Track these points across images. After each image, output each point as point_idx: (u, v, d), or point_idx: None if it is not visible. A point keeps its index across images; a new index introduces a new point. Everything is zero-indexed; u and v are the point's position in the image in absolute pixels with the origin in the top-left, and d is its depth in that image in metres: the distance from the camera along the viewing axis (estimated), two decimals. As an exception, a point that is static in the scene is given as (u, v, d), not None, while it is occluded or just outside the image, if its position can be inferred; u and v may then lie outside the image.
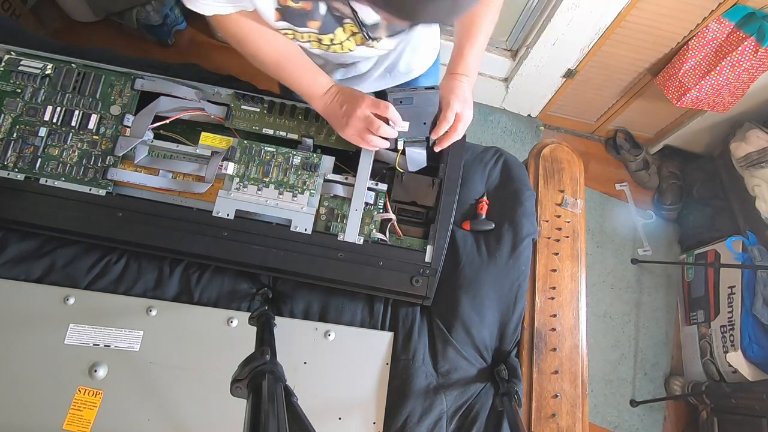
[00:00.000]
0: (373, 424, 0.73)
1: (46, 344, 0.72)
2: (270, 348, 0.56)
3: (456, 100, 0.70)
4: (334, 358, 0.76)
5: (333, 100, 0.72)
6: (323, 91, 0.73)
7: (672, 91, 1.65)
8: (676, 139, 2.05)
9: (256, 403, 0.47)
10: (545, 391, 0.81)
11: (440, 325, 0.80)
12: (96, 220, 0.75)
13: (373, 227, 0.78)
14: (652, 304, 1.96)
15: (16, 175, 0.76)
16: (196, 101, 0.80)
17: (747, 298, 1.59)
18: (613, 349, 1.87)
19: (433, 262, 0.77)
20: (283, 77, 0.74)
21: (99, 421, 0.69)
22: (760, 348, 1.53)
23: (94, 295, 0.76)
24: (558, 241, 0.91)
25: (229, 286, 0.80)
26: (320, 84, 0.73)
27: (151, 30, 1.93)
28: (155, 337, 0.75)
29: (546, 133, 2.18)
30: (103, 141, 0.78)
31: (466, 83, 0.72)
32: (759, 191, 1.70)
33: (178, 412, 0.71)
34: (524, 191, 0.90)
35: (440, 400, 0.75)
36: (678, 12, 1.45)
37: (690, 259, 1.92)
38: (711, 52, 1.53)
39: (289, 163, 0.78)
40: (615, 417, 1.77)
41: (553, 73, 1.82)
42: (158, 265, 0.80)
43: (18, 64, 0.79)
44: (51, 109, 0.78)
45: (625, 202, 2.13)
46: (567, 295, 0.88)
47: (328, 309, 0.80)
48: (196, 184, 0.77)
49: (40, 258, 0.78)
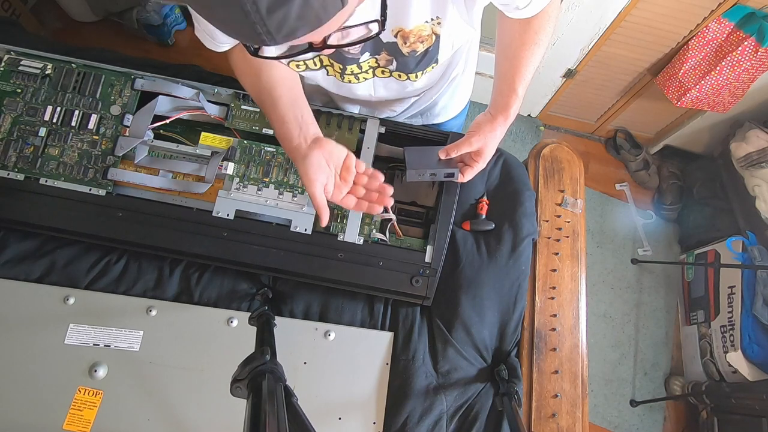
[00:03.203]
0: (373, 424, 0.73)
1: (46, 344, 0.72)
2: (270, 348, 0.56)
3: (476, 137, 0.68)
4: (334, 358, 0.76)
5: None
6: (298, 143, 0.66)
7: (672, 91, 1.65)
8: (676, 139, 2.05)
9: (256, 403, 0.47)
10: (545, 391, 0.81)
11: (440, 325, 0.80)
12: (96, 220, 0.75)
13: (373, 227, 0.78)
14: (652, 304, 1.96)
15: (16, 175, 0.76)
16: (195, 101, 0.80)
17: (747, 298, 1.59)
18: (613, 349, 1.87)
19: (433, 263, 0.77)
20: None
21: (99, 421, 0.69)
22: (760, 348, 1.53)
23: (94, 295, 0.76)
24: (558, 241, 0.91)
25: (229, 286, 0.80)
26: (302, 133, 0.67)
27: (151, 30, 1.94)
28: (155, 337, 0.75)
29: (546, 133, 2.18)
30: (103, 141, 0.78)
31: (499, 126, 0.68)
32: (759, 191, 1.70)
33: (178, 412, 0.71)
34: (524, 191, 0.90)
35: (440, 400, 0.75)
36: (678, 12, 1.45)
37: (690, 259, 1.92)
38: (711, 52, 1.53)
39: (289, 163, 0.78)
40: (615, 417, 1.77)
41: (553, 73, 1.82)
42: (158, 265, 0.80)
43: (18, 64, 0.79)
44: (51, 109, 0.78)
45: (625, 202, 2.13)
46: (567, 295, 0.88)
47: (328, 309, 0.80)
48: (196, 184, 0.77)
49: (40, 258, 0.78)
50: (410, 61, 0.63)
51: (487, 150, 0.69)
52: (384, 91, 0.74)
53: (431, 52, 0.62)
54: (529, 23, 0.63)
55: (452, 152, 0.69)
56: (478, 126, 0.69)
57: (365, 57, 0.63)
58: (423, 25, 0.57)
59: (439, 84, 0.82)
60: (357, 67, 0.65)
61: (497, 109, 0.68)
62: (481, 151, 0.69)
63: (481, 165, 0.71)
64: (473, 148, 0.69)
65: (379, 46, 0.61)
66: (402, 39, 0.59)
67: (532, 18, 0.63)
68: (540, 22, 0.63)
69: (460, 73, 0.85)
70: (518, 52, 0.65)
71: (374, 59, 0.64)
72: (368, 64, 0.66)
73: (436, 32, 0.59)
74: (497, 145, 0.71)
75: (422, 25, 0.57)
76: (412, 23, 0.56)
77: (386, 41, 0.60)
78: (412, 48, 0.60)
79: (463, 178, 0.72)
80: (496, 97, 0.69)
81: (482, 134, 0.68)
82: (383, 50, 0.62)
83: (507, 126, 0.69)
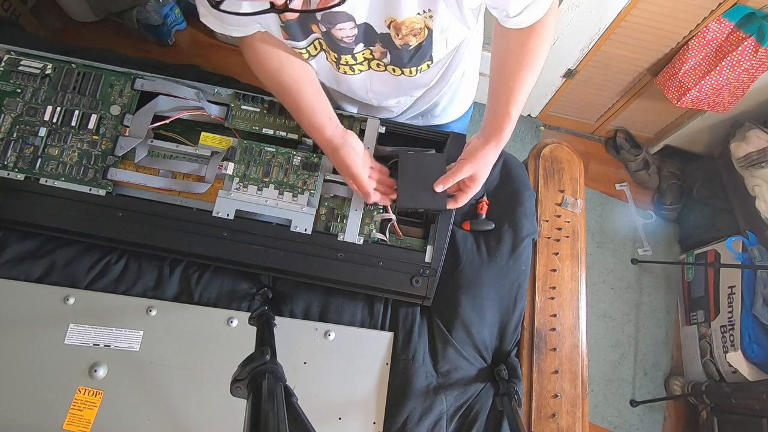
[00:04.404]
0: (373, 424, 0.73)
1: (46, 344, 0.73)
2: (270, 348, 0.56)
3: (468, 165, 0.69)
4: (334, 358, 0.76)
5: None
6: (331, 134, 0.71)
7: (672, 91, 1.65)
8: (676, 139, 2.05)
9: (256, 403, 0.47)
10: (545, 391, 0.81)
11: (440, 325, 0.80)
12: (96, 220, 0.75)
13: (373, 227, 0.78)
14: (652, 304, 1.96)
15: (16, 175, 0.76)
16: (195, 101, 0.80)
17: (747, 298, 1.59)
18: (613, 349, 1.87)
19: (433, 263, 0.77)
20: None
21: (99, 421, 0.69)
22: (760, 348, 1.53)
23: (94, 295, 0.76)
24: (558, 241, 0.91)
25: (229, 286, 0.80)
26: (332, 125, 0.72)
27: (151, 30, 1.94)
28: (155, 337, 0.75)
29: (546, 133, 2.18)
30: (103, 141, 0.78)
31: (492, 150, 0.68)
32: (759, 191, 1.70)
33: (178, 412, 0.71)
34: (524, 191, 0.90)
35: (440, 400, 0.75)
36: (678, 12, 1.45)
37: (690, 259, 1.92)
38: (711, 52, 1.53)
39: (290, 163, 0.78)
40: (615, 417, 1.77)
41: (553, 73, 1.82)
42: (158, 265, 0.80)
43: (18, 64, 0.79)
44: (51, 109, 0.78)
45: (625, 202, 2.13)
46: (567, 295, 0.88)
47: (328, 309, 0.80)
48: (196, 184, 0.77)
49: (40, 258, 0.78)
50: (403, 55, 0.63)
51: (480, 176, 0.70)
52: (380, 86, 0.74)
53: (424, 47, 0.62)
54: (525, 39, 0.63)
55: (447, 183, 0.70)
56: (470, 152, 0.70)
57: (359, 48, 0.64)
58: (415, 17, 0.57)
59: (438, 85, 0.82)
60: (351, 57, 0.66)
61: (490, 132, 0.68)
62: (474, 177, 0.70)
63: (474, 190, 0.71)
64: (465, 175, 0.69)
65: (373, 37, 0.62)
66: (395, 30, 0.59)
67: (529, 36, 0.62)
68: (537, 39, 0.63)
69: (460, 76, 0.85)
70: (513, 74, 0.65)
71: (369, 50, 0.65)
72: (363, 56, 0.66)
73: (428, 26, 0.59)
74: (490, 169, 0.71)
75: (414, 17, 0.57)
76: (404, 14, 0.56)
77: (380, 32, 0.60)
78: (405, 41, 0.61)
79: (456, 204, 0.73)
80: (489, 119, 0.69)
81: (474, 161, 0.69)
82: (377, 42, 0.62)
83: (500, 149, 0.69)
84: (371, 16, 0.58)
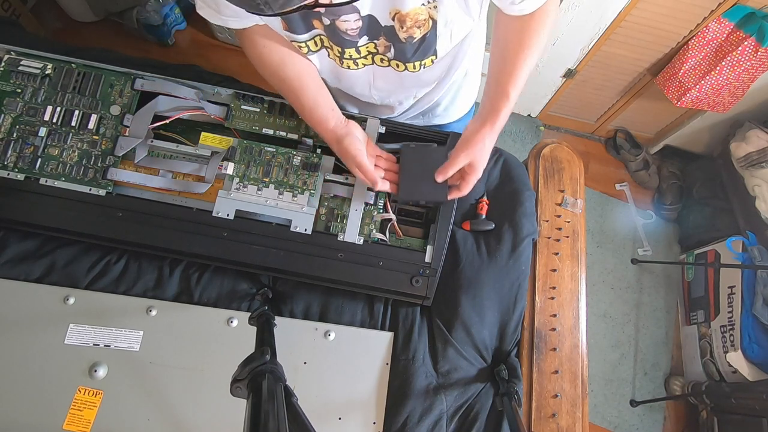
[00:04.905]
0: (373, 424, 0.73)
1: (46, 344, 0.72)
2: (270, 348, 0.56)
3: (464, 153, 0.68)
4: (334, 358, 0.76)
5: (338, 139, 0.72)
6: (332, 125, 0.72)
7: (672, 91, 1.65)
8: (676, 139, 2.05)
9: (256, 403, 0.47)
10: (545, 391, 0.81)
11: (440, 325, 0.80)
12: (96, 220, 0.75)
13: (373, 227, 0.78)
14: (652, 304, 1.96)
15: (16, 175, 0.76)
16: (195, 101, 0.80)
17: (747, 298, 1.59)
18: (613, 349, 1.87)
19: (433, 263, 0.77)
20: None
21: (99, 421, 0.69)
22: (760, 348, 1.53)
23: (94, 295, 0.76)
24: (558, 241, 0.91)
25: (229, 286, 0.80)
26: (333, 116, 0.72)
27: (151, 30, 1.94)
28: (155, 337, 0.75)
29: (546, 133, 2.18)
30: (103, 141, 0.78)
31: (488, 135, 0.67)
32: (759, 191, 1.70)
33: (178, 412, 0.71)
34: (524, 191, 0.90)
35: (440, 400, 0.75)
36: (678, 12, 1.45)
37: (690, 259, 1.92)
38: (711, 52, 1.53)
39: (290, 163, 0.78)
40: (615, 417, 1.77)
41: (553, 73, 1.82)
42: (158, 265, 0.80)
43: (18, 64, 0.79)
44: (51, 109, 0.78)
45: (625, 202, 2.13)
46: (567, 295, 0.88)
47: (328, 309, 0.80)
48: (196, 184, 0.77)
49: (40, 258, 0.78)
50: (407, 48, 0.63)
51: (478, 163, 0.69)
52: (383, 82, 0.74)
53: (428, 39, 0.62)
54: (527, 24, 0.63)
55: (446, 173, 0.70)
56: (465, 140, 0.69)
57: (363, 41, 0.64)
58: (419, 8, 0.57)
59: (441, 85, 0.82)
60: (355, 51, 0.65)
61: (486, 115, 0.68)
62: (472, 164, 0.69)
63: (475, 177, 0.70)
64: (463, 163, 0.69)
65: (377, 31, 0.62)
66: (399, 23, 0.59)
67: (531, 18, 0.62)
68: (538, 23, 0.63)
69: (462, 76, 0.85)
70: (514, 54, 0.65)
71: (372, 44, 0.65)
72: (366, 49, 0.66)
73: (432, 17, 0.59)
74: (489, 154, 0.70)
75: (419, 7, 0.57)
76: (408, 5, 0.56)
77: (384, 25, 0.60)
78: (409, 34, 0.60)
79: (460, 193, 0.72)
80: (486, 101, 0.68)
81: (469, 149, 0.67)
82: (381, 35, 0.62)
83: (496, 133, 0.68)
84: (375, 7, 0.58)
